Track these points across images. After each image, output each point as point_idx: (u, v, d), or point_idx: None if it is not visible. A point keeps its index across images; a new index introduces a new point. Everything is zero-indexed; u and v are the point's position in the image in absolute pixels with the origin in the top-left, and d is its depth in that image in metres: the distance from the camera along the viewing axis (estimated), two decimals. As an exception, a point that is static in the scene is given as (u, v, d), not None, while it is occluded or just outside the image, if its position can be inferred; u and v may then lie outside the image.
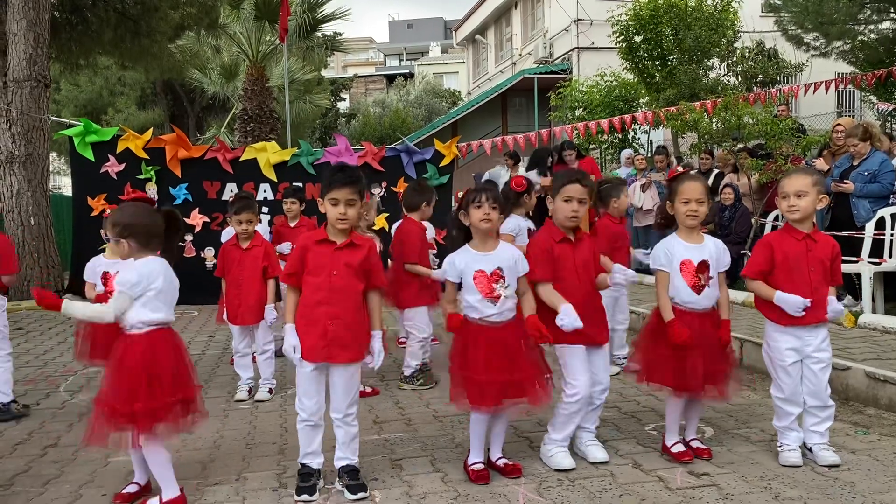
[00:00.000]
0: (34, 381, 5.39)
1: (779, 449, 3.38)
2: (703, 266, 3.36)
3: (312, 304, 3.11)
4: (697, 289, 3.34)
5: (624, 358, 5.06)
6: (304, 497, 3.07)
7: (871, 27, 11.94)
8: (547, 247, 3.32)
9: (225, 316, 4.84)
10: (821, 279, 3.26)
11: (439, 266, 4.46)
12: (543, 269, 3.29)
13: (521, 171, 10.26)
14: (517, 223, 4.91)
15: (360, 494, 3.06)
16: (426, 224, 5.16)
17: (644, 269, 9.01)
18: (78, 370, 5.59)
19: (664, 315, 3.35)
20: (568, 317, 3.11)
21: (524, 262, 3.26)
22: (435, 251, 5.80)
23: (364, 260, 3.13)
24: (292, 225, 6.19)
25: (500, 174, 10.16)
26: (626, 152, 11.38)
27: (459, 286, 3.28)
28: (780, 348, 3.32)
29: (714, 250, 3.40)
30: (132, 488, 3.12)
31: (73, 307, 2.96)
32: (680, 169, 3.51)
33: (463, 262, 3.24)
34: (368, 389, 4.73)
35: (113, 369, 2.93)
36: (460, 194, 3.54)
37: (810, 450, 3.34)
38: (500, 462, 3.29)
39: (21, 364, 5.99)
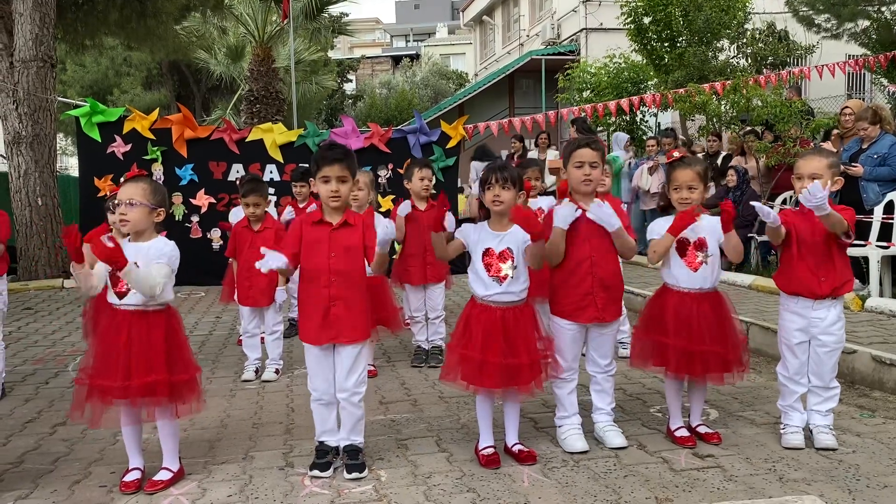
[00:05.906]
0: (43, 361, 5.44)
1: (781, 431, 3.39)
2: (700, 244, 3.34)
3: (313, 287, 3.11)
4: (693, 266, 3.32)
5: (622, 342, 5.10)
6: (316, 472, 3.09)
7: (885, 8, 11.77)
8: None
9: (236, 297, 4.87)
10: (829, 251, 3.26)
11: None
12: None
13: (552, 153, 10.23)
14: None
15: (355, 474, 3.06)
16: None
17: (643, 253, 9.00)
18: (86, 350, 5.63)
19: (662, 238, 3.31)
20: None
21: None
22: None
23: (361, 239, 3.11)
24: (302, 206, 6.20)
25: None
26: (621, 136, 10.97)
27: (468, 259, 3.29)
28: (789, 328, 3.35)
29: (709, 228, 3.35)
30: (135, 475, 3.06)
31: (134, 273, 2.80)
32: (676, 154, 3.43)
33: (476, 236, 3.24)
34: (372, 368, 4.76)
35: (132, 345, 2.93)
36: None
37: (812, 431, 3.35)
38: (516, 448, 3.26)
39: (30, 344, 6.05)
